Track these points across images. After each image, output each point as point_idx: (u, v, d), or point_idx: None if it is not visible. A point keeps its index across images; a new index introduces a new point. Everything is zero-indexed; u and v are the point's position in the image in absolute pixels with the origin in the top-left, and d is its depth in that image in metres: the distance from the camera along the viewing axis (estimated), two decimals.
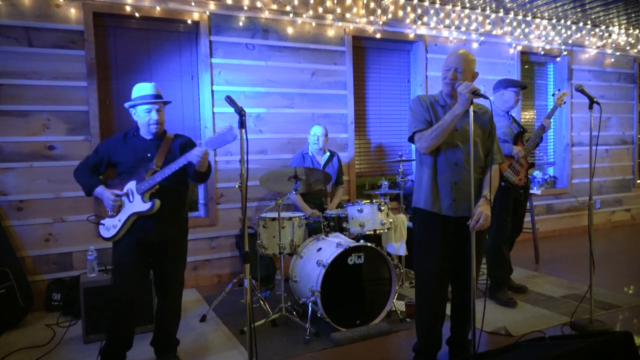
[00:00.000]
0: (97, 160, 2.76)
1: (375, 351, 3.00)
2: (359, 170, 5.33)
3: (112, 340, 2.72)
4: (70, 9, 3.96)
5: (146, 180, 2.61)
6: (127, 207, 2.65)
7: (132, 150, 2.72)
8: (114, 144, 2.76)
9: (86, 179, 2.73)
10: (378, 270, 3.39)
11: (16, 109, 3.85)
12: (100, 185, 2.70)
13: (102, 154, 2.75)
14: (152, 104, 2.67)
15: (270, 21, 4.72)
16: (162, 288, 2.82)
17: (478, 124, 2.58)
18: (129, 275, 2.67)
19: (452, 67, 2.54)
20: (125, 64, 4.26)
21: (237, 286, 4.05)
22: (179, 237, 2.82)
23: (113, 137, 2.85)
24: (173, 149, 2.75)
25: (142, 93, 2.71)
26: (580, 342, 1.98)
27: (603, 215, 6.98)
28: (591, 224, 3.26)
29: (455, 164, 2.56)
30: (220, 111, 4.54)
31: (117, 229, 2.65)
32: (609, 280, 4.36)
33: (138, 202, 2.62)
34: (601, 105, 3.29)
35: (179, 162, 2.56)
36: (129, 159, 2.71)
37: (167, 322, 2.84)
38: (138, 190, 2.62)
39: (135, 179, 2.65)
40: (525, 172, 3.84)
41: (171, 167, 2.56)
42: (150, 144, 2.74)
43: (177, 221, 2.80)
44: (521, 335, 3.10)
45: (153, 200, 2.59)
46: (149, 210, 2.59)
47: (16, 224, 3.87)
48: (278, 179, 3.64)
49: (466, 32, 5.73)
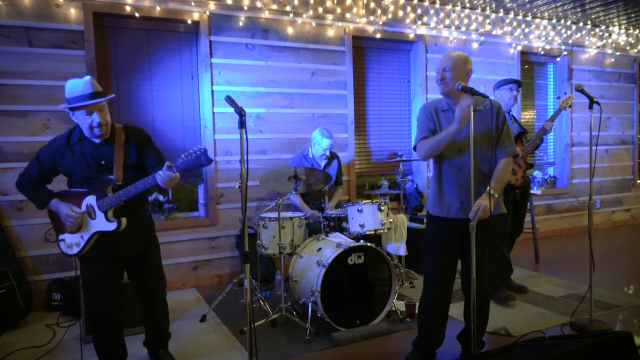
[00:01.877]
0: (41, 172, 2.46)
1: (375, 351, 3.00)
2: (359, 170, 5.33)
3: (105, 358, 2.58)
4: (70, 9, 3.96)
5: (109, 198, 2.35)
6: (91, 224, 2.40)
7: (82, 159, 2.41)
8: (59, 151, 2.43)
9: (34, 194, 2.47)
10: (378, 270, 3.39)
11: (16, 109, 3.85)
12: (54, 199, 2.46)
13: (46, 164, 2.45)
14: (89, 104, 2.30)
15: (270, 21, 4.72)
16: (146, 292, 2.71)
17: (482, 123, 2.57)
18: (102, 290, 2.46)
19: (440, 68, 2.61)
20: (125, 64, 4.26)
21: (237, 286, 4.05)
22: (149, 244, 2.65)
23: (54, 141, 2.47)
24: (128, 152, 2.47)
25: (76, 93, 2.32)
26: (580, 342, 1.98)
27: (603, 215, 6.98)
28: (591, 224, 3.26)
29: (460, 168, 2.59)
30: (220, 111, 4.54)
31: (81, 247, 2.42)
32: (609, 280, 4.36)
33: (101, 220, 2.37)
34: (601, 105, 3.29)
35: (143, 183, 2.31)
36: (80, 170, 2.42)
37: (158, 321, 2.79)
38: (100, 207, 2.37)
39: (95, 194, 2.38)
40: (523, 172, 3.84)
41: (136, 187, 2.31)
42: (101, 149, 2.43)
43: (144, 228, 2.61)
44: (521, 335, 3.10)
45: (119, 220, 2.36)
46: (115, 230, 2.36)
47: (16, 224, 3.87)
48: (278, 179, 3.64)
49: (466, 32, 5.73)
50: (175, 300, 4.09)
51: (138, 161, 2.50)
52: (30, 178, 2.48)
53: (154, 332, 2.84)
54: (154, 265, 2.70)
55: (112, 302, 2.49)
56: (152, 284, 2.70)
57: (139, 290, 2.72)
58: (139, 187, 2.32)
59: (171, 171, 2.24)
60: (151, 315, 2.78)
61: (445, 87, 2.60)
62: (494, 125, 2.59)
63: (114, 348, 2.59)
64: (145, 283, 2.69)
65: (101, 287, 2.47)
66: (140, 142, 2.52)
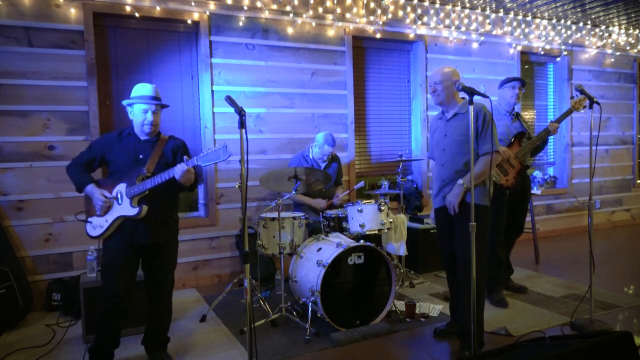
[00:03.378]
0: (91, 157, 2.77)
1: (375, 351, 3.00)
2: (359, 170, 5.33)
3: (101, 338, 2.75)
4: (70, 9, 3.96)
5: (136, 186, 2.64)
6: (115, 209, 2.68)
7: (125, 150, 2.74)
8: (109, 142, 2.77)
9: (78, 175, 2.75)
10: (378, 270, 3.39)
11: (16, 109, 3.85)
12: (92, 184, 2.73)
13: (96, 151, 2.77)
14: (148, 104, 2.70)
15: (270, 21, 4.72)
16: (154, 288, 2.84)
17: (463, 125, 2.89)
18: (118, 275, 2.68)
19: (431, 82, 3.02)
20: (125, 64, 4.26)
21: (237, 286, 4.05)
22: (169, 239, 2.84)
23: (108, 134, 2.86)
24: (166, 152, 2.79)
25: (141, 93, 2.73)
26: (580, 342, 1.98)
27: (603, 215, 6.98)
28: (591, 224, 3.26)
29: (442, 165, 3.02)
30: (220, 111, 4.54)
31: (104, 229, 2.68)
32: (609, 280, 4.36)
33: (126, 205, 2.65)
34: (601, 105, 3.29)
35: (164, 175, 2.60)
36: (121, 159, 2.73)
37: (160, 319, 2.87)
38: (127, 194, 2.65)
39: (126, 182, 2.67)
40: (515, 173, 3.75)
41: (160, 178, 2.60)
42: (143, 145, 2.76)
43: (167, 224, 2.81)
44: (521, 335, 3.10)
45: (140, 207, 2.63)
46: (136, 216, 2.63)
47: (16, 224, 3.87)
48: (278, 179, 3.64)
49: (466, 32, 5.74)
50: (175, 300, 4.05)
51: (172, 162, 2.76)
52: (80, 161, 2.78)
53: (155, 330, 2.87)
54: (168, 263, 2.87)
55: (125, 286, 2.70)
56: (163, 281, 2.84)
57: (148, 284, 2.86)
58: (163, 177, 2.60)
59: (188, 163, 2.54)
60: (154, 313, 2.86)
61: (437, 98, 3.00)
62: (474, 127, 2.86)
63: (112, 332, 2.76)
64: (157, 278, 2.83)
65: (117, 272, 2.68)
66: (178, 146, 2.85)
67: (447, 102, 2.97)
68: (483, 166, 2.86)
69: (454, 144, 2.92)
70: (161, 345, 2.90)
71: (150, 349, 2.89)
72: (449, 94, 2.95)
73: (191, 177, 2.63)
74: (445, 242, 3.05)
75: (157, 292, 2.84)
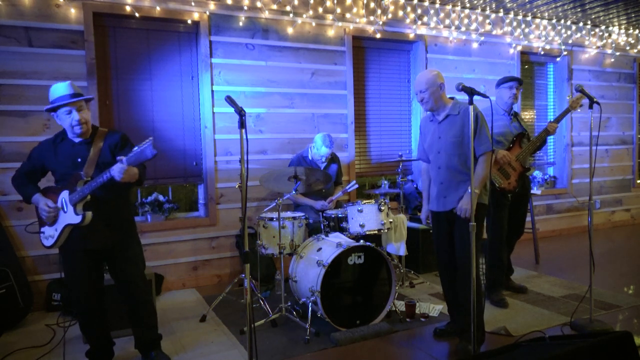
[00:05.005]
0: (31, 168, 2.70)
1: (375, 351, 3.00)
2: (359, 170, 5.33)
3: (92, 342, 2.79)
4: (70, 9, 3.96)
5: (77, 192, 2.52)
6: (62, 217, 2.58)
7: (61, 157, 2.62)
8: (45, 151, 2.66)
9: (23, 187, 2.68)
10: (378, 270, 3.39)
11: (16, 109, 3.85)
12: (37, 194, 2.65)
13: (35, 161, 2.69)
14: (70, 105, 2.53)
15: (270, 21, 4.72)
16: (126, 291, 2.79)
17: (458, 126, 2.89)
18: (80, 287, 2.67)
19: (416, 91, 2.97)
20: (125, 64, 4.26)
21: (237, 286, 4.05)
22: (124, 239, 2.75)
23: (45, 142, 2.72)
24: (104, 151, 2.63)
25: (57, 94, 2.56)
26: (580, 342, 1.98)
27: (603, 215, 6.98)
28: (591, 224, 3.26)
29: (438, 168, 2.98)
30: (220, 111, 4.54)
31: (55, 239, 2.60)
32: (609, 280, 4.36)
33: (71, 213, 2.54)
34: (601, 105, 3.29)
35: (101, 177, 2.45)
36: (60, 166, 2.62)
37: (145, 319, 2.83)
38: (70, 201, 2.53)
39: (69, 188, 2.56)
40: (517, 176, 3.72)
41: (97, 181, 2.46)
42: (78, 148, 2.63)
43: (117, 226, 2.72)
44: (521, 335, 3.10)
45: (84, 213, 2.52)
46: (81, 223, 2.51)
47: (16, 224, 3.87)
48: (278, 179, 3.64)
49: (466, 32, 5.74)
50: (175, 300, 4.10)
51: (112, 160, 2.57)
52: (22, 172, 2.71)
53: (140, 333, 2.85)
54: (130, 264, 2.78)
55: (91, 297, 2.70)
56: (131, 285, 2.78)
57: (119, 289, 2.83)
58: (98, 181, 2.45)
59: (121, 163, 2.35)
60: (134, 315, 2.83)
61: (426, 106, 2.96)
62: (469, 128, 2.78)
63: (98, 334, 2.78)
64: (123, 282, 2.79)
65: (77, 279, 2.67)
66: (115, 142, 2.67)
67: (436, 106, 2.94)
68: (485, 168, 2.85)
69: (449, 146, 2.90)
70: (154, 344, 2.86)
71: (145, 350, 2.86)
72: (436, 99, 2.91)
73: (135, 174, 2.47)
74: (443, 245, 3.02)
75: (130, 294, 2.78)
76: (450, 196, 2.93)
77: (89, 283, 2.68)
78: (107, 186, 2.49)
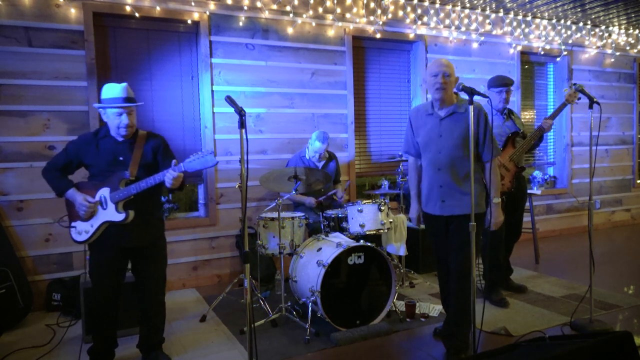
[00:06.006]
0: (67, 161, 2.70)
1: (375, 351, 3.00)
2: (359, 170, 5.33)
3: (97, 339, 2.78)
4: (70, 9, 3.96)
5: (120, 191, 2.58)
6: (100, 214, 2.62)
7: (103, 153, 2.65)
8: (85, 145, 2.68)
9: (56, 181, 2.68)
10: (378, 270, 3.39)
11: (16, 109, 3.85)
12: (72, 188, 2.65)
13: (72, 155, 2.69)
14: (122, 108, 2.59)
15: (270, 21, 4.72)
16: (145, 289, 2.82)
17: (462, 126, 2.74)
18: (104, 277, 2.69)
19: (440, 72, 2.71)
20: (125, 64, 4.26)
21: (237, 286, 4.05)
22: (156, 239, 2.82)
23: (83, 136, 2.75)
24: (146, 152, 2.70)
25: (112, 95, 2.61)
26: (580, 342, 1.98)
27: (603, 215, 6.98)
28: (591, 224, 3.26)
29: (438, 169, 2.81)
30: (220, 111, 4.54)
31: (90, 235, 2.64)
32: (609, 280, 4.36)
33: (111, 211, 2.60)
34: (601, 105, 3.29)
35: (151, 180, 2.54)
36: (101, 163, 2.65)
37: (154, 319, 2.85)
38: (112, 199, 2.59)
39: (109, 186, 2.60)
40: (511, 177, 3.69)
41: (147, 182, 2.54)
42: (122, 146, 2.67)
43: (152, 225, 2.79)
44: (521, 335, 3.10)
45: (127, 212, 2.59)
46: (123, 221, 2.60)
47: (16, 224, 3.87)
48: (278, 179, 3.64)
49: (466, 32, 5.73)
50: (175, 300, 4.09)
51: (153, 162, 2.71)
52: (56, 165, 2.70)
53: (148, 332, 2.86)
54: (156, 264, 2.84)
55: (111, 288, 2.73)
56: (152, 283, 2.82)
57: (138, 287, 2.85)
58: (149, 182, 2.54)
59: (176, 169, 2.47)
60: (147, 313, 2.85)
61: (444, 93, 2.73)
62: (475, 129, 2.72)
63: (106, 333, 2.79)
64: (145, 280, 2.82)
65: (103, 275, 2.70)
66: (157, 145, 2.75)
67: (447, 98, 2.74)
68: (496, 174, 2.81)
69: (454, 148, 2.73)
70: (156, 346, 2.88)
71: (146, 350, 2.87)
72: (451, 90, 2.75)
73: (179, 182, 2.55)
74: (442, 250, 2.94)
75: (148, 292, 2.82)
76: (449, 201, 2.79)
77: (112, 277, 2.71)
78: (150, 188, 2.58)
